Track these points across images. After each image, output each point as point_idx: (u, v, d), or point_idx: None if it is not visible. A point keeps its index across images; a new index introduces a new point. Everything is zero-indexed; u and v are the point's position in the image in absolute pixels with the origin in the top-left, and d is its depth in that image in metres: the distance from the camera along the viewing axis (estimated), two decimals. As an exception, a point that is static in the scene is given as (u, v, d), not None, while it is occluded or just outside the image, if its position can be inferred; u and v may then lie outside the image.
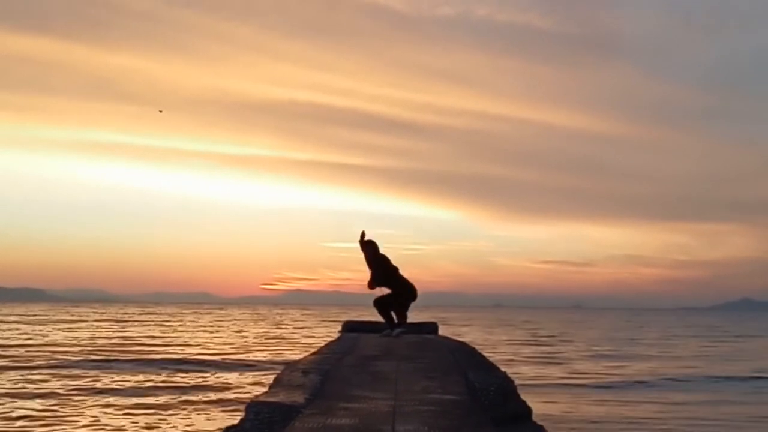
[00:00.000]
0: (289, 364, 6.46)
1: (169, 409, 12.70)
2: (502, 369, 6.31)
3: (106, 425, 11.18)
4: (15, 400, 13.41)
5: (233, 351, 26.62)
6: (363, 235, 10.47)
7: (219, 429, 11.69)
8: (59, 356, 22.36)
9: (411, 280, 10.74)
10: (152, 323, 53.80)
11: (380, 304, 10.57)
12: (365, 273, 10.53)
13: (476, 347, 8.81)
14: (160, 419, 11.78)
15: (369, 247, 10.52)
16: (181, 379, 17.33)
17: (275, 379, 5.65)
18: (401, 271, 10.66)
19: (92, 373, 17.98)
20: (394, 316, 10.57)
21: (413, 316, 11.17)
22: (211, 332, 41.46)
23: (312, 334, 39.07)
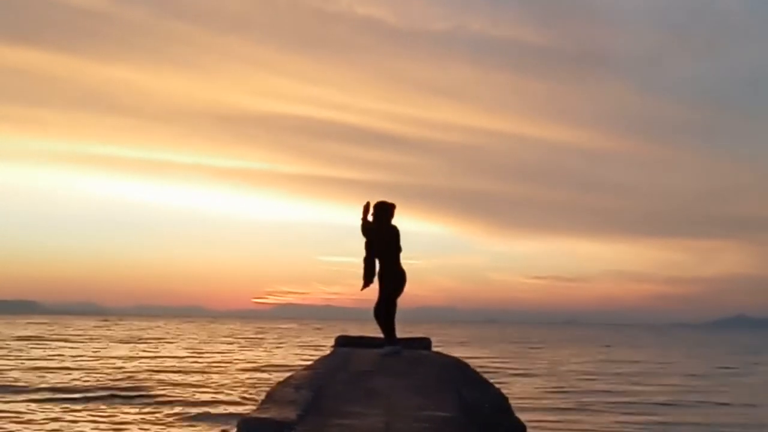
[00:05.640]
0: (282, 380, 6.41)
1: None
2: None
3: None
4: None
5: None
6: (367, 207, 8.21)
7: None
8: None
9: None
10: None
11: (384, 313, 8.18)
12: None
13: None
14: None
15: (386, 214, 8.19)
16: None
17: (267, 395, 5.59)
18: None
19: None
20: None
21: (404, 330, 9.15)
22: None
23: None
